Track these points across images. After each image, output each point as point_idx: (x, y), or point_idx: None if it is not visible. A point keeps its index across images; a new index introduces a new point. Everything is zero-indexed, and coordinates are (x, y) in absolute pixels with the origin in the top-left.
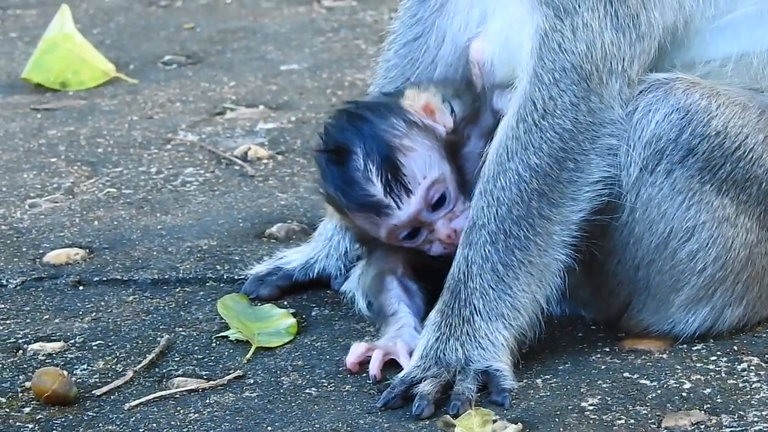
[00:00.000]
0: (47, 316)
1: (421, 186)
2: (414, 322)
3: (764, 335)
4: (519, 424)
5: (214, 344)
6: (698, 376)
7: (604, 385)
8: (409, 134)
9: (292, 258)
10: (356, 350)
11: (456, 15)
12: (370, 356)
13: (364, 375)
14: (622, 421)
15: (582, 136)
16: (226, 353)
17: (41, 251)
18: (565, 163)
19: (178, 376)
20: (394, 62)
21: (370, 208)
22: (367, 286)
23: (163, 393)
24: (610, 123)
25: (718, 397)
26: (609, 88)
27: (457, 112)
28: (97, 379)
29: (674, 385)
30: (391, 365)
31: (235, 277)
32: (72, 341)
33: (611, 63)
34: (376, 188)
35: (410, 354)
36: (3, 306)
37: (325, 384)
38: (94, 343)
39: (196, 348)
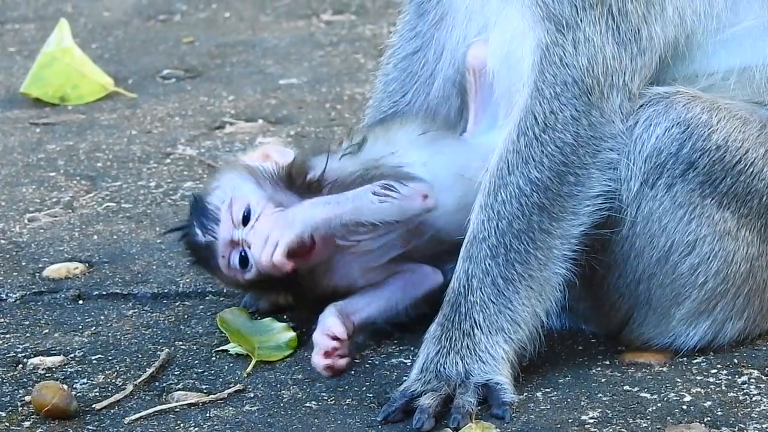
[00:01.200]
0: (47, 331)
1: (221, 209)
2: (332, 309)
3: (764, 348)
4: None
5: (214, 358)
6: (699, 389)
7: (604, 398)
8: (219, 178)
9: None
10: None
11: (455, 29)
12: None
13: (365, 388)
14: None
15: (583, 150)
16: (226, 367)
17: (41, 265)
18: (566, 177)
19: (178, 389)
20: (393, 76)
21: (202, 256)
22: None
23: (164, 407)
24: (611, 137)
25: (719, 410)
26: (610, 102)
27: (344, 165)
28: (97, 393)
29: (675, 398)
30: (389, 375)
31: (235, 291)
32: (72, 355)
33: (612, 77)
34: (198, 235)
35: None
36: (2, 320)
37: (326, 397)
38: (93, 357)
39: (196, 362)
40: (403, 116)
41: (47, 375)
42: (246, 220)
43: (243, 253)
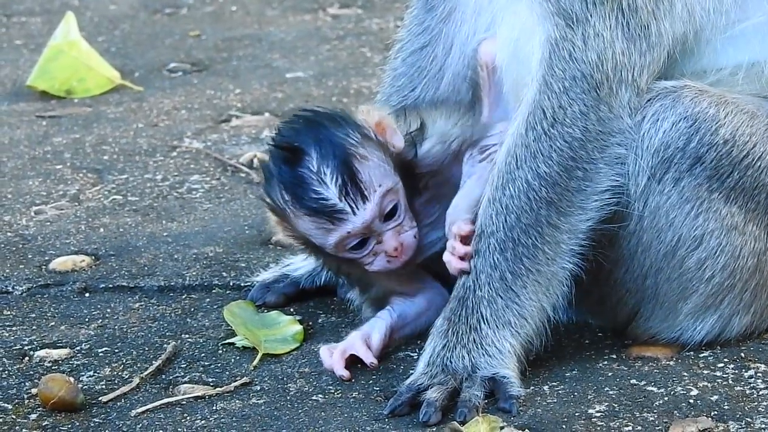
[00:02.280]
0: (53, 323)
1: (376, 193)
2: (386, 315)
3: None
4: (526, 430)
5: (220, 351)
6: (705, 383)
7: (611, 392)
8: (364, 144)
9: (299, 265)
10: (325, 356)
11: (463, 23)
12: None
13: (371, 381)
14: (630, 428)
15: (591, 145)
16: (233, 360)
17: (47, 258)
18: (574, 171)
19: (185, 382)
20: (402, 71)
21: (323, 212)
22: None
23: (170, 400)
24: (619, 132)
25: (726, 403)
26: (619, 97)
27: (426, 147)
28: (104, 386)
29: (681, 392)
30: (396, 368)
31: (242, 284)
32: (78, 348)
33: (621, 73)
34: (331, 192)
35: (366, 343)
36: (9, 313)
37: (332, 391)
38: (100, 350)
39: (202, 355)
40: (435, 104)
41: (54, 368)
42: (389, 216)
43: (365, 240)
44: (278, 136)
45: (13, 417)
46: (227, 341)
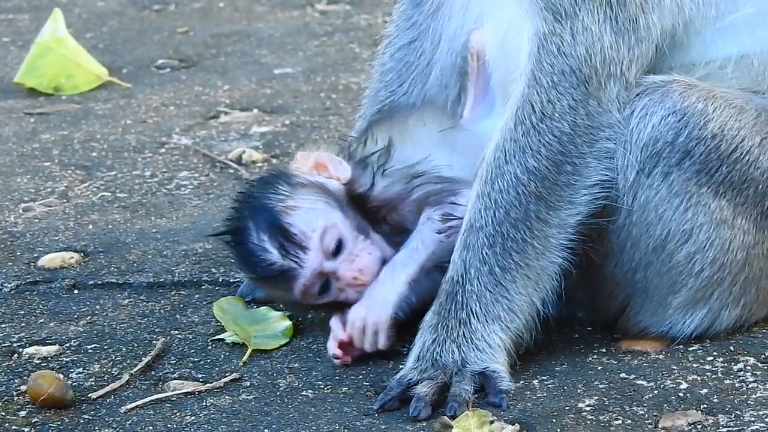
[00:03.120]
0: (42, 320)
1: (313, 239)
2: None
3: (760, 336)
4: (516, 425)
5: (210, 347)
6: (695, 377)
7: (601, 386)
8: (293, 194)
9: None
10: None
11: (452, 18)
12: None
13: (361, 377)
14: (619, 422)
15: (580, 140)
16: (223, 356)
17: (36, 255)
18: (563, 166)
19: (175, 379)
20: (390, 66)
21: (275, 276)
22: None
23: (160, 396)
24: (608, 126)
25: (715, 397)
26: (607, 91)
27: (384, 183)
28: (93, 383)
29: (671, 386)
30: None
31: (231, 280)
32: (67, 345)
33: (610, 67)
34: (273, 255)
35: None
36: None
37: (322, 386)
38: (89, 347)
39: (192, 351)
40: (415, 110)
41: (43, 364)
42: (337, 251)
43: (327, 282)
44: (225, 224)
45: (3, 414)
46: (217, 337)
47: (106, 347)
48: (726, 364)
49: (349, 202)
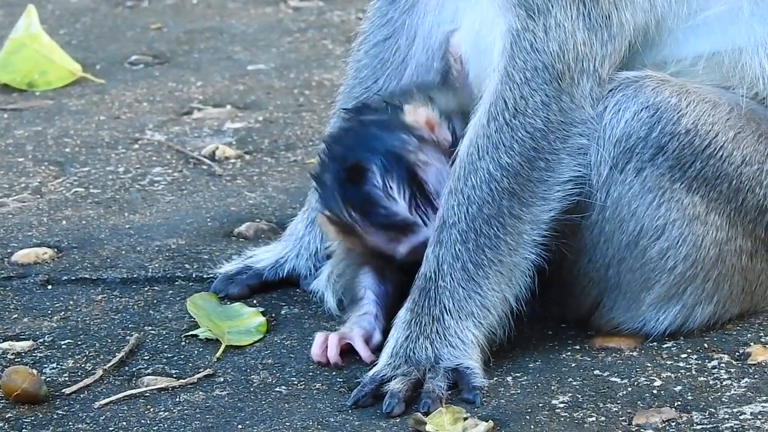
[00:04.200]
0: (16, 315)
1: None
2: (376, 310)
3: (734, 333)
4: (490, 421)
5: (183, 343)
6: (669, 374)
7: (574, 383)
8: (423, 149)
9: (262, 257)
10: (318, 340)
11: (427, 14)
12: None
13: (335, 373)
14: (593, 419)
15: (553, 136)
16: (196, 352)
17: (9, 251)
18: (536, 162)
19: (148, 374)
20: (365, 62)
21: (394, 227)
22: (341, 271)
23: (133, 391)
24: (581, 122)
25: (689, 394)
26: (580, 87)
27: (456, 127)
28: (67, 378)
29: (645, 383)
30: (359, 359)
31: (205, 276)
32: (41, 340)
33: (583, 63)
34: (401, 206)
35: (366, 341)
36: None
37: (296, 382)
38: (63, 342)
39: (165, 347)
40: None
41: (16, 360)
42: None
43: None
44: (329, 152)
45: None
46: (190, 333)
47: (79, 343)
48: (700, 362)
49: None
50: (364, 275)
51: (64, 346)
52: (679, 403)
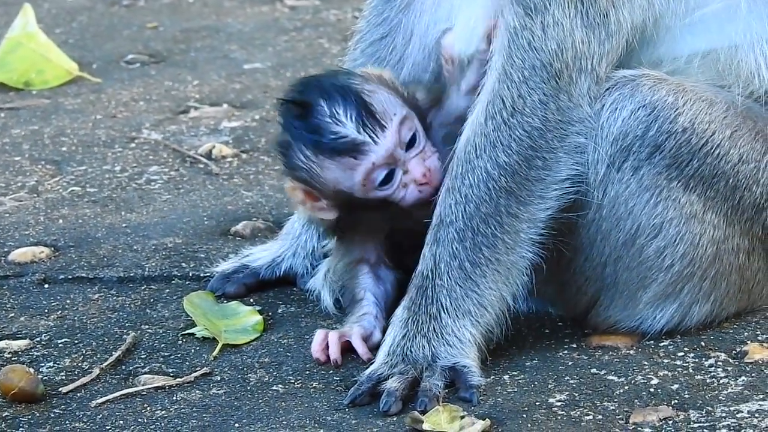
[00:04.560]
0: (13, 314)
1: (393, 121)
2: (376, 311)
3: (731, 331)
4: (487, 420)
5: (180, 342)
6: (666, 372)
7: (571, 381)
8: (369, 82)
9: (259, 256)
10: (318, 337)
11: (423, 13)
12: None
13: (332, 372)
14: (590, 417)
15: (551, 135)
16: (193, 350)
17: (6, 249)
18: (534, 161)
19: (145, 373)
20: (361, 61)
21: (345, 150)
22: (339, 273)
23: (130, 390)
24: (579, 121)
25: (686, 392)
26: (578, 86)
27: (419, 97)
28: (64, 377)
29: (642, 381)
30: (357, 358)
31: (201, 275)
32: (38, 339)
33: (581, 61)
34: (348, 127)
35: (366, 340)
36: None
37: (292, 381)
38: (60, 341)
39: (162, 345)
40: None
41: (13, 359)
42: (410, 145)
43: (391, 173)
44: (286, 96)
45: None
46: (187, 332)
47: (76, 342)
48: (697, 360)
49: (416, 111)
50: (363, 276)
51: (61, 345)
52: (676, 401)
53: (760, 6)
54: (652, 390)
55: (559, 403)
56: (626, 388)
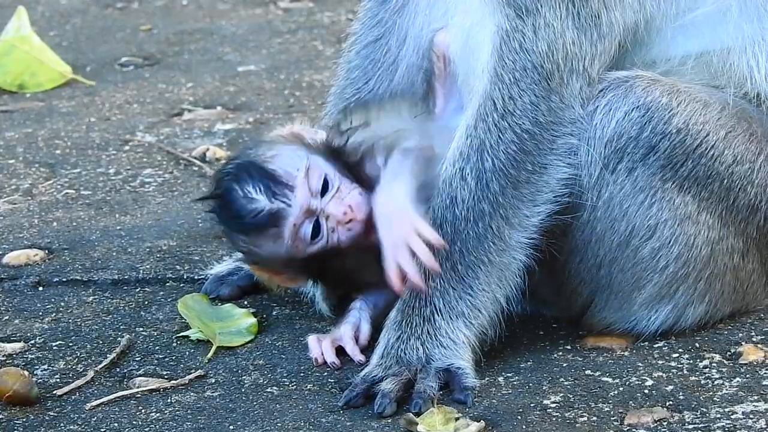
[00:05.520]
0: (7, 317)
1: (298, 177)
2: (360, 303)
3: (726, 332)
4: (481, 422)
5: (175, 344)
6: (660, 374)
7: (566, 383)
8: (270, 147)
9: None
10: (313, 344)
11: (417, 15)
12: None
13: (326, 374)
14: (585, 419)
15: (542, 137)
16: (187, 353)
17: (0, 252)
18: (524, 164)
19: (140, 375)
20: (356, 63)
21: (266, 223)
22: None
23: (125, 393)
24: (570, 122)
25: (681, 394)
26: (570, 87)
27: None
28: (58, 379)
29: (636, 383)
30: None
31: (195, 277)
32: (32, 341)
33: (572, 62)
34: (261, 201)
35: (356, 339)
36: None
37: (287, 383)
38: (54, 344)
39: (157, 348)
40: (388, 102)
41: (8, 361)
42: (324, 190)
43: (317, 224)
44: (204, 195)
45: None
46: (181, 334)
47: (71, 344)
48: (691, 361)
49: (329, 154)
50: None
51: (55, 348)
52: (671, 402)
53: (752, 9)
54: (646, 391)
55: (553, 405)
56: (621, 389)
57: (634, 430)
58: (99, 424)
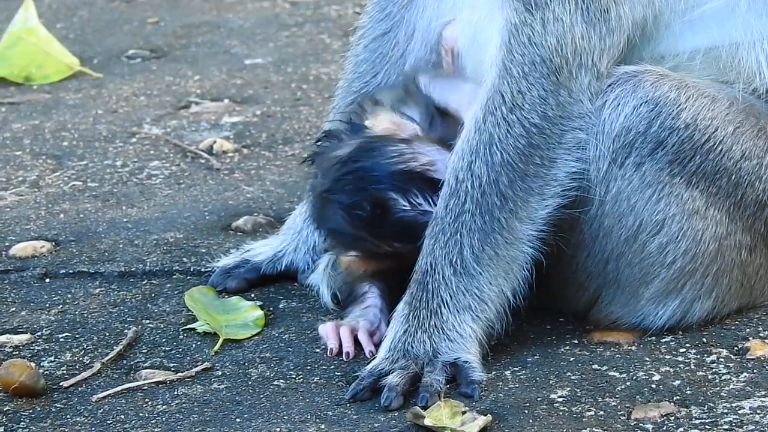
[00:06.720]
0: (14, 309)
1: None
2: (381, 303)
3: (733, 327)
4: (488, 415)
5: (181, 336)
6: (667, 368)
7: (573, 377)
8: (416, 149)
9: (260, 251)
10: (331, 332)
11: (425, 9)
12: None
13: (333, 367)
14: (592, 413)
15: (550, 131)
16: (194, 345)
17: (7, 244)
18: (533, 157)
19: (146, 368)
20: (364, 57)
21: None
22: (336, 265)
23: (131, 385)
24: (579, 117)
25: (688, 388)
26: (578, 81)
27: (413, 115)
28: (65, 371)
29: (643, 377)
30: (359, 351)
31: (202, 270)
32: (39, 333)
33: (581, 57)
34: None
35: (372, 334)
36: None
37: (294, 376)
38: (61, 336)
39: (163, 340)
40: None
41: (14, 353)
42: None
43: None
44: (340, 203)
45: None
46: (188, 327)
47: (77, 336)
48: (699, 356)
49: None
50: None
51: (62, 340)
52: (678, 397)
53: (760, 5)
54: (653, 386)
55: (560, 399)
56: (628, 384)
57: (641, 424)
58: (105, 416)
